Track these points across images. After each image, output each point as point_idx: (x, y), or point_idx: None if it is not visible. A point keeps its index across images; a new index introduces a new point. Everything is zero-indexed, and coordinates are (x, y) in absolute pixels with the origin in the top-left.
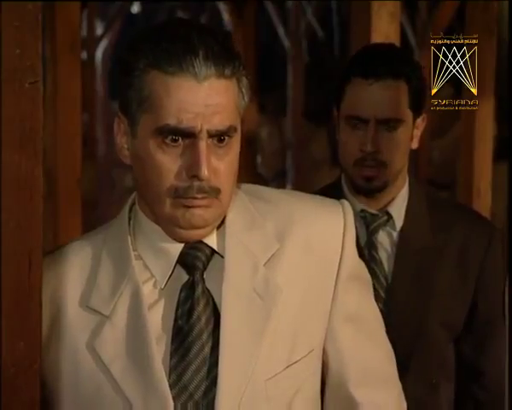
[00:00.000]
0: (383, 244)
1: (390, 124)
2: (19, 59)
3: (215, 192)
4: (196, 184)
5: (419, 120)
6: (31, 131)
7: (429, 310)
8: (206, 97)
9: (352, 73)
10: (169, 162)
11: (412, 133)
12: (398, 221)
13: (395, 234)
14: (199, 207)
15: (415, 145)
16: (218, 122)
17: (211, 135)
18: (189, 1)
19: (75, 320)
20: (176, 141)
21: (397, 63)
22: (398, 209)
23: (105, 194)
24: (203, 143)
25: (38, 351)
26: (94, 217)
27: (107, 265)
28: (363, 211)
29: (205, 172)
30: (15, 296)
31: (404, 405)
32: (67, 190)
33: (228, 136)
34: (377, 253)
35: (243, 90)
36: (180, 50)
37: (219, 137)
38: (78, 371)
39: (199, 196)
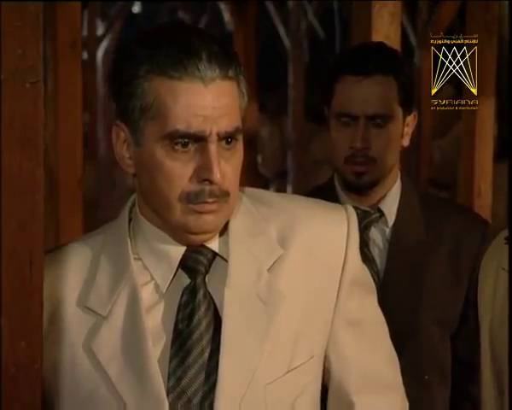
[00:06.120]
0: (375, 241)
1: (379, 120)
2: (20, 59)
3: (225, 196)
4: (208, 188)
5: (409, 118)
6: (31, 131)
7: (422, 306)
8: (213, 100)
9: (340, 72)
10: (179, 168)
11: (403, 131)
12: (391, 218)
13: (387, 230)
14: (210, 212)
15: (406, 143)
16: (227, 124)
17: (220, 137)
18: (190, 1)
19: (73, 320)
20: (186, 146)
21: (385, 60)
22: (390, 206)
23: (106, 194)
24: (213, 146)
25: (40, 351)
26: (95, 217)
27: (105, 266)
28: (354, 208)
29: (217, 175)
30: (16, 296)
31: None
32: (68, 190)
33: (234, 138)
34: (369, 250)
35: (243, 90)
36: (183, 54)
37: (227, 139)
38: (75, 372)
39: (210, 200)
